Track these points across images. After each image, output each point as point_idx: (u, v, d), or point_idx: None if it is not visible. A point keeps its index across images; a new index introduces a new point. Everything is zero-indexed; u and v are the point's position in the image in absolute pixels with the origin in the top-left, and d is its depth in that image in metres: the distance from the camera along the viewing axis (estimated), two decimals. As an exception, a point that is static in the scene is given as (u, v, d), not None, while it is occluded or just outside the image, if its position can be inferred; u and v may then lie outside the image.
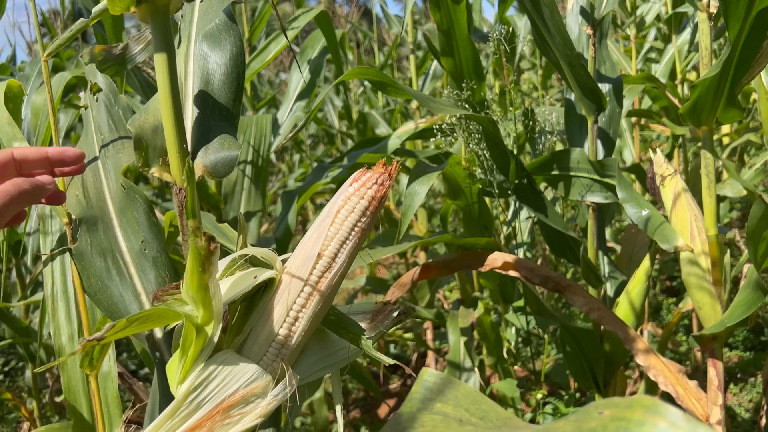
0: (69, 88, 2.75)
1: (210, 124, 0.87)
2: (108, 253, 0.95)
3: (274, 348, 0.71)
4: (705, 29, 1.33)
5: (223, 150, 0.84)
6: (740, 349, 2.93)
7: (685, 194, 1.50)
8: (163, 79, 0.81)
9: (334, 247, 0.70)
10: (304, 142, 5.33)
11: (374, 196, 0.71)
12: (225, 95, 0.90)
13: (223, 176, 0.84)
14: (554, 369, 2.28)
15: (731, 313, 1.34)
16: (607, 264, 1.92)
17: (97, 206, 0.97)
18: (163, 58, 0.81)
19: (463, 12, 1.63)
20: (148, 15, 0.81)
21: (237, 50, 0.91)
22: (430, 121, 2.28)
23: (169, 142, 0.83)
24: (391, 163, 0.73)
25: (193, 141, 0.87)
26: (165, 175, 0.85)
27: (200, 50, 0.92)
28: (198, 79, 0.91)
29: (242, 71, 0.91)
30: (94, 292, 0.93)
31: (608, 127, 1.84)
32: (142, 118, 0.89)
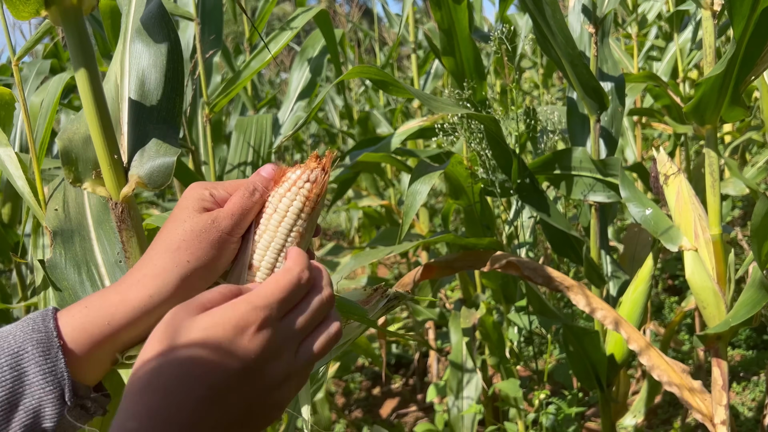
0: (69, 89, 2.74)
1: (147, 128, 0.81)
2: (83, 264, 0.92)
3: None
4: (709, 27, 1.32)
5: (159, 156, 0.78)
6: (743, 348, 2.92)
7: (689, 193, 1.49)
8: (84, 85, 0.75)
9: (270, 256, 0.64)
10: (305, 142, 5.32)
11: (308, 196, 0.64)
12: (162, 94, 0.83)
13: (160, 186, 0.77)
14: (557, 369, 2.27)
15: (736, 313, 1.33)
16: (610, 263, 1.91)
17: (75, 219, 0.95)
18: (81, 62, 0.75)
19: (464, 11, 1.62)
20: (60, 17, 0.75)
21: (172, 45, 0.84)
22: (431, 119, 2.28)
23: (99, 153, 0.77)
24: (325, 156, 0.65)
25: (130, 149, 0.80)
26: (99, 189, 0.80)
27: (135, 48, 0.85)
28: (134, 79, 0.84)
29: (180, 67, 0.84)
30: (66, 304, 0.88)
31: (610, 125, 1.83)
32: (73, 129, 0.83)
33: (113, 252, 0.92)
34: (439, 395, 2.50)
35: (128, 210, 0.79)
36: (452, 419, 2.14)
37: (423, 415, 2.91)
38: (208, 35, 2.09)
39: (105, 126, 0.76)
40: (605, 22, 1.75)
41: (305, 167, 0.64)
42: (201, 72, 1.95)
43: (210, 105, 1.97)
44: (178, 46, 0.85)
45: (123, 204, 0.78)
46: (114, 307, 0.59)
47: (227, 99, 1.99)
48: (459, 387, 2.16)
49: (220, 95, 1.98)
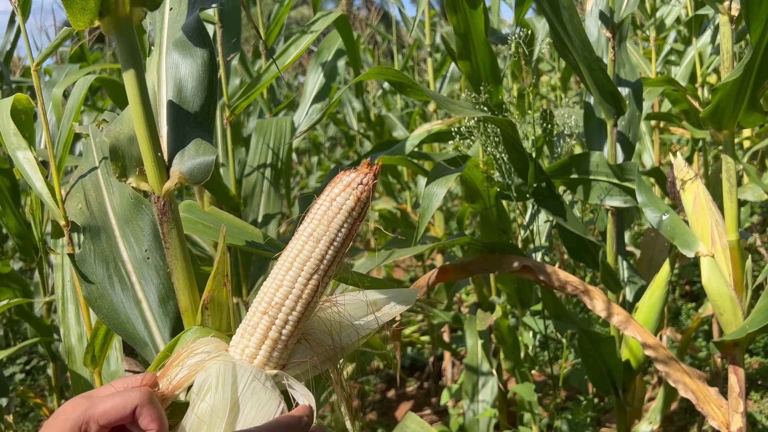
0: (92, 90, 2.79)
1: (185, 131, 0.87)
2: (110, 260, 0.96)
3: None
4: (726, 32, 1.32)
5: (199, 155, 0.84)
6: (761, 356, 2.89)
7: (706, 198, 1.49)
8: (133, 89, 0.81)
9: (322, 247, 0.71)
10: (323, 145, 5.35)
11: (359, 197, 0.71)
12: (198, 102, 0.89)
13: (200, 181, 0.84)
14: (572, 374, 2.27)
15: (753, 319, 1.33)
16: (627, 268, 1.90)
17: (99, 217, 0.99)
18: (130, 69, 0.81)
19: (480, 16, 1.63)
20: (112, 27, 0.81)
21: (208, 56, 0.90)
22: (447, 122, 2.28)
23: (144, 151, 0.83)
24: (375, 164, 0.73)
25: (169, 149, 0.86)
26: (142, 184, 0.85)
27: (172, 58, 0.91)
28: (171, 87, 0.91)
29: (214, 77, 0.91)
30: (94, 298, 0.94)
31: (628, 130, 1.83)
32: (117, 129, 0.89)
33: (140, 249, 0.96)
34: (453, 398, 2.50)
35: (169, 204, 0.84)
36: (467, 423, 2.14)
37: (437, 418, 2.91)
38: (228, 39, 2.12)
39: (150, 126, 0.82)
40: (622, 26, 1.75)
41: (358, 172, 0.71)
42: (222, 75, 1.97)
43: (231, 108, 1.99)
44: (213, 59, 0.91)
45: (165, 198, 0.83)
46: None
47: (247, 102, 2.01)
48: (474, 390, 2.17)
49: (241, 98, 2.00)
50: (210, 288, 0.79)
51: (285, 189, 2.45)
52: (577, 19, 1.57)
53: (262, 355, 0.72)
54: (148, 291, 0.95)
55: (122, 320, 0.94)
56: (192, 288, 0.86)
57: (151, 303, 0.95)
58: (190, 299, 0.86)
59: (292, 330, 0.73)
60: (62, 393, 2.41)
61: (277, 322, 0.72)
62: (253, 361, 0.72)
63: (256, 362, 0.72)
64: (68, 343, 1.34)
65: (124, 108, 2.01)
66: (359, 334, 0.78)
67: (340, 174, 0.73)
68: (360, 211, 0.72)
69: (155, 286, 0.95)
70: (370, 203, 0.72)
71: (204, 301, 0.79)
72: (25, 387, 2.60)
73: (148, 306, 0.94)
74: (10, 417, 2.05)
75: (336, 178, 0.73)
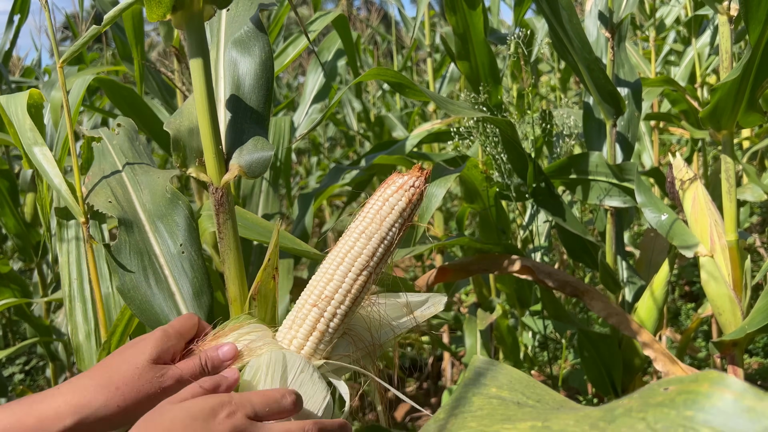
0: (91, 91, 2.79)
1: (243, 126, 0.91)
2: (143, 253, 0.98)
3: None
4: (725, 32, 1.32)
5: (257, 151, 0.88)
6: (760, 356, 2.89)
7: (705, 199, 1.49)
8: (199, 83, 0.84)
9: (373, 245, 0.74)
10: (323, 145, 5.35)
11: (411, 199, 0.74)
12: (255, 99, 0.93)
13: (257, 175, 0.88)
14: (572, 374, 2.27)
15: (752, 320, 1.32)
16: (626, 269, 1.90)
17: (129, 212, 1.02)
18: (199, 62, 0.84)
19: (479, 16, 1.63)
20: (183, 22, 0.84)
21: (266, 56, 0.94)
22: (445, 122, 2.28)
23: (205, 143, 0.86)
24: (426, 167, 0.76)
25: (227, 143, 0.90)
26: (202, 175, 0.89)
27: (230, 56, 0.95)
28: (229, 83, 0.94)
29: (271, 76, 0.94)
30: (127, 289, 0.96)
31: (627, 130, 1.83)
32: (177, 121, 0.92)
33: (175, 243, 0.99)
34: (452, 399, 2.50)
35: (227, 195, 0.87)
36: (466, 423, 2.14)
37: (437, 418, 2.91)
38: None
39: (213, 120, 0.85)
40: (622, 26, 1.75)
41: (411, 174, 0.75)
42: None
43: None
44: (270, 58, 0.95)
45: (223, 189, 0.87)
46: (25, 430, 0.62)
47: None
48: (473, 390, 2.16)
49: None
50: (259, 280, 0.81)
51: (285, 189, 2.45)
52: (576, 19, 1.57)
53: (309, 347, 0.75)
54: (181, 284, 0.97)
55: (155, 312, 0.95)
56: (242, 278, 0.88)
57: (185, 296, 0.97)
58: (239, 289, 0.88)
59: (339, 323, 0.76)
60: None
61: (325, 314, 0.75)
62: (300, 352, 0.75)
63: (303, 353, 0.75)
64: (76, 341, 1.35)
65: (123, 108, 2.01)
66: (395, 333, 0.83)
67: (393, 175, 0.76)
68: (410, 212, 0.75)
69: (189, 280, 0.97)
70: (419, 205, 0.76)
71: (252, 292, 0.82)
72: (24, 387, 2.60)
73: (182, 299, 0.97)
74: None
75: (389, 179, 0.76)
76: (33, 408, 0.64)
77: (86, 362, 1.35)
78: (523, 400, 0.54)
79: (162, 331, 0.72)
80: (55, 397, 0.65)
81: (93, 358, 1.34)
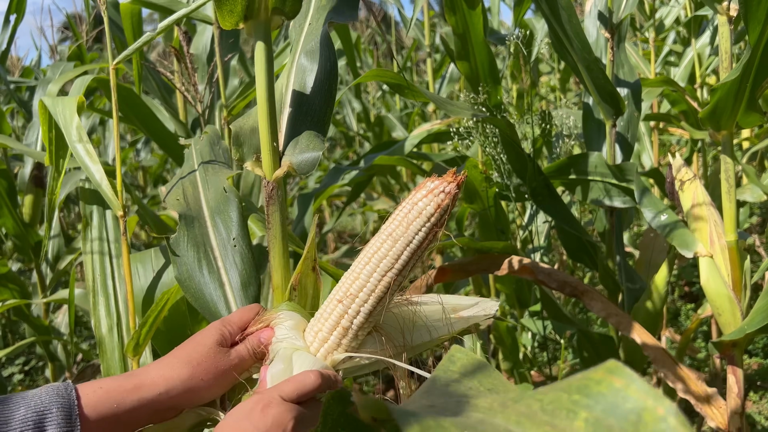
0: (90, 91, 2.78)
1: (301, 128, 0.98)
2: (200, 245, 1.05)
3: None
4: (725, 33, 1.32)
5: (309, 151, 0.95)
6: (760, 356, 2.89)
7: (705, 199, 1.49)
8: (262, 86, 0.91)
9: (399, 247, 0.75)
10: (322, 145, 5.33)
11: (440, 204, 0.74)
12: (317, 103, 1.00)
13: (306, 173, 0.94)
14: (571, 374, 2.27)
15: (751, 320, 1.32)
16: (625, 269, 1.90)
17: (194, 208, 1.10)
18: (263, 68, 0.91)
19: (479, 16, 1.63)
20: (253, 30, 0.92)
21: (331, 65, 1.02)
22: (445, 123, 2.28)
23: (263, 141, 0.93)
24: (461, 174, 0.77)
25: (285, 142, 0.97)
26: (257, 169, 0.95)
27: (300, 64, 1.03)
28: (297, 87, 1.02)
29: (334, 84, 1.02)
30: (183, 279, 1.04)
31: (626, 131, 1.83)
32: (242, 121, 1.01)
33: (229, 236, 1.07)
34: (452, 399, 2.49)
35: (277, 189, 0.94)
36: (465, 423, 2.14)
37: (436, 418, 2.91)
38: (227, 38, 2.12)
39: (272, 120, 0.93)
40: (621, 27, 1.75)
41: (442, 180, 0.75)
42: (219, 75, 1.97)
43: (228, 108, 1.99)
44: (335, 68, 1.03)
45: (274, 183, 0.93)
46: (125, 393, 0.73)
47: (246, 101, 2.01)
48: (472, 391, 2.16)
49: (238, 98, 2.00)
50: (299, 270, 0.87)
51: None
52: (576, 19, 1.57)
53: (332, 340, 0.78)
54: (231, 275, 1.04)
55: (207, 300, 1.02)
56: (286, 268, 0.94)
57: (234, 286, 1.03)
58: (282, 278, 0.94)
59: (363, 321, 0.78)
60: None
61: (349, 311, 0.77)
62: (324, 345, 0.79)
63: (327, 346, 0.78)
64: (99, 334, 1.40)
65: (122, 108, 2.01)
66: (431, 336, 0.84)
67: (426, 180, 0.77)
68: (439, 218, 0.75)
69: (238, 272, 1.04)
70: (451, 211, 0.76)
71: (293, 282, 0.87)
72: (23, 387, 2.60)
73: (230, 289, 1.03)
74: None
75: (421, 183, 0.77)
76: (131, 377, 0.75)
77: (108, 355, 1.40)
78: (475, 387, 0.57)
79: (221, 322, 0.83)
80: (148, 371, 0.77)
81: (115, 351, 1.40)
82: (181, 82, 1.80)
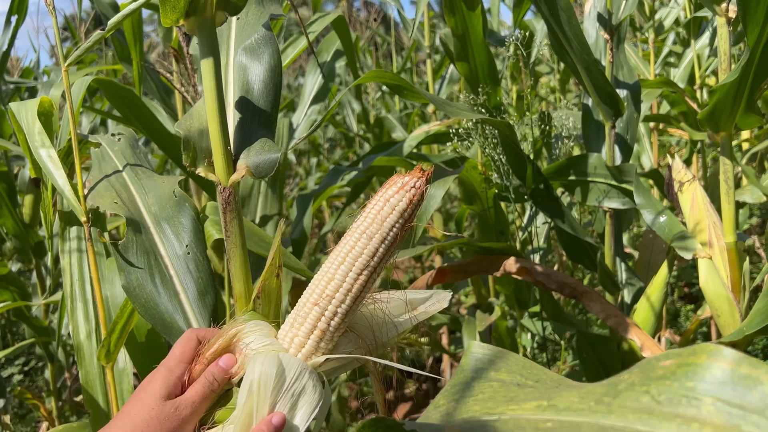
0: (91, 92, 2.79)
1: (251, 129, 0.94)
2: (150, 253, 1.01)
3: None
4: (724, 34, 1.32)
5: (264, 152, 0.90)
6: (760, 357, 2.89)
7: (704, 200, 1.49)
8: (210, 87, 0.87)
9: (374, 244, 0.74)
10: (322, 146, 5.34)
11: (411, 199, 0.74)
12: (264, 103, 0.96)
13: (264, 176, 0.90)
14: (570, 376, 2.26)
15: (750, 321, 1.32)
16: (625, 270, 1.90)
17: (135, 213, 1.05)
18: (210, 67, 0.87)
19: (478, 17, 1.63)
20: (196, 27, 0.87)
21: (275, 62, 0.97)
22: (444, 124, 2.28)
23: (214, 144, 0.89)
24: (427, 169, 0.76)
25: (236, 144, 0.92)
26: (210, 175, 0.91)
27: (240, 62, 0.98)
28: (238, 88, 0.97)
29: (279, 81, 0.97)
30: (132, 288, 0.99)
31: (626, 132, 1.83)
32: (188, 123, 0.96)
33: (181, 245, 1.03)
34: (451, 400, 2.49)
35: (234, 195, 0.90)
36: (464, 424, 2.14)
37: (436, 419, 2.91)
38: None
39: (222, 122, 0.89)
40: (621, 28, 1.75)
41: (412, 175, 0.75)
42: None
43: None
44: (279, 65, 0.98)
45: (230, 189, 0.90)
46: None
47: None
48: (471, 392, 2.16)
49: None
50: (264, 278, 0.83)
51: (279, 190, 2.45)
52: (575, 20, 1.57)
53: (310, 345, 0.77)
54: (186, 284, 1.00)
55: (160, 311, 0.99)
56: (247, 276, 0.91)
57: (190, 296, 1.00)
58: (244, 287, 0.91)
59: (340, 322, 0.77)
60: (59, 394, 2.41)
61: (326, 313, 0.76)
62: (301, 350, 0.76)
63: (304, 351, 0.77)
64: (77, 340, 1.37)
65: (122, 110, 2.01)
66: (397, 331, 0.83)
67: (395, 176, 0.76)
68: (411, 213, 0.75)
69: (194, 280, 1.01)
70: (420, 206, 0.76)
71: (257, 289, 0.84)
72: (23, 387, 2.60)
73: (186, 299, 1.00)
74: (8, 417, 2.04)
75: (391, 179, 0.76)
76: None
77: (87, 361, 1.37)
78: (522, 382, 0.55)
79: (164, 367, 0.75)
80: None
81: (93, 357, 1.36)
82: (180, 83, 1.80)
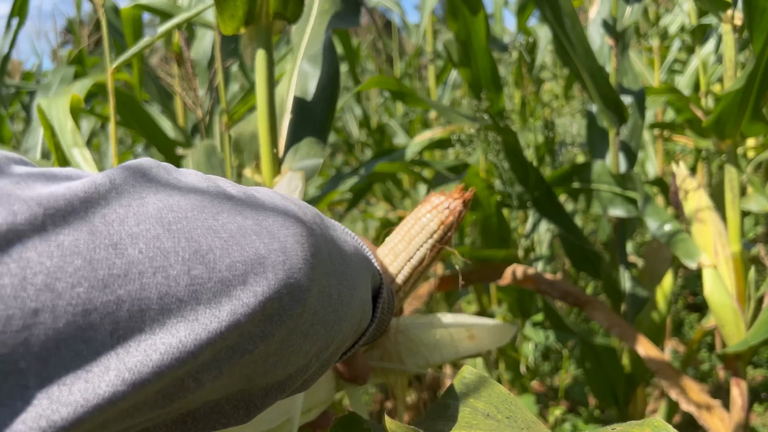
0: (90, 95, 2.78)
1: (302, 134, 0.99)
2: None
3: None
4: (729, 41, 1.30)
5: (309, 157, 0.95)
6: (765, 368, 2.86)
7: (709, 209, 1.47)
8: (262, 92, 0.91)
9: (399, 263, 0.73)
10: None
11: (443, 221, 0.72)
12: (318, 110, 1.01)
13: (306, 180, 0.94)
14: (573, 385, 2.24)
15: (755, 332, 1.30)
16: (629, 279, 1.88)
17: None
18: (264, 73, 0.91)
19: (481, 23, 1.61)
20: (254, 35, 0.92)
21: (333, 70, 1.03)
22: (447, 130, 2.26)
23: (262, 146, 0.94)
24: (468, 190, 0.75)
25: (285, 148, 0.97)
26: (256, 176, 0.97)
27: (303, 69, 1.03)
28: (298, 93, 1.02)
29: (337, 89, 1.02)
30: None
31: (630, 139, 1.81)
32: (242, 126, 1.03)
33: None
34: (452, 409, 2.47)
35: None
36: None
37: (437, 428, 2.88)
38: (227, 43, 2.11)
39: (271, 126, 0.93)
40: (626, 34, 1.74)
41: (448, 196, 0.73)
42: (220, 80, 1.96)
43: (229, 113, 1.98)
44: (337, 74, 1.03)
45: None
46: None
47: (246, 107, 2.00)
48: (473, 401, 2.14)
49: (239, 103, 1.98)
50: None
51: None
52: (580, 26, 1.55)
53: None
54: None
55: None
56: None
57: None
58: None
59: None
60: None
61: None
62: None
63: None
64: None
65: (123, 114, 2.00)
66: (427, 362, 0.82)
67: (431, 194, 0.76)
68: (443, 234, 0.73)
69: None
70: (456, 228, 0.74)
71: None
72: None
73: None
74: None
75: (427, 198, 0.75)
76: None
77: None
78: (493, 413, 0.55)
79: None
80: None
81: None
82: (181, 87, 1.79)
